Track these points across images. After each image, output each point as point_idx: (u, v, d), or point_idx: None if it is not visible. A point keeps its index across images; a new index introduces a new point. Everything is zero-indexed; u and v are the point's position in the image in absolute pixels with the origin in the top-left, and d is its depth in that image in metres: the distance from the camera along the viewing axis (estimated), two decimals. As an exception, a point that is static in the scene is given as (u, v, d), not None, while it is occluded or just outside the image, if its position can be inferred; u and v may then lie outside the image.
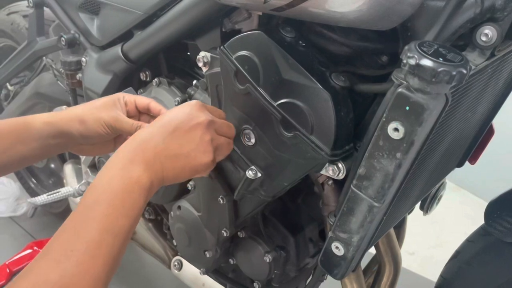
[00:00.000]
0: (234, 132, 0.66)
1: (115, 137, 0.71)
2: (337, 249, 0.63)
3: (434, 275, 1.67)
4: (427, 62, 0.44)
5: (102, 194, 0.50)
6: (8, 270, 1.46)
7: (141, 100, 0.70)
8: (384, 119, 0.50)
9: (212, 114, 0.63)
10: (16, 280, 0.43)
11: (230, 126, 0.66)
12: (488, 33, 0.57)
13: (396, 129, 0.49)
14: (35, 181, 1.73)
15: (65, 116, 0.67)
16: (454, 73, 0.43)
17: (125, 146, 0.56)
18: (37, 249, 1.54)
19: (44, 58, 1.28)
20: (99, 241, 0.47)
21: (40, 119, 0.66)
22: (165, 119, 0.59)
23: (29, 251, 1.53)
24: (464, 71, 0.44)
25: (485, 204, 0.82)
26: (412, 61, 0.44)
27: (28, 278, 0.43)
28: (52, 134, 0.66)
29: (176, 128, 0.58)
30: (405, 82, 0.48)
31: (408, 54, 0.45)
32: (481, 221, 0.83)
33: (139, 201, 0.52)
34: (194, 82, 0.83)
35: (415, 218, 1.04)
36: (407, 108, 0.47)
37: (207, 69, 0.72)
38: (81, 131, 0.66)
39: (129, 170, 0.53)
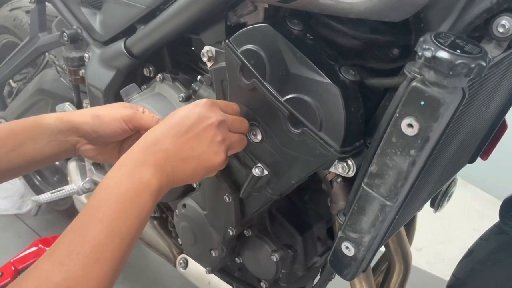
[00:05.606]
0: (248, 127, 0.65)
1: (120, 145, 0.71)
2: (347, 249, 0.61)
3: (442, 271, 1.66)
4: (444, 54, 0.41)
5: (111, 196, 0.49)
6: (13, 268, 1.46)
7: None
8: (397, 115, 0.48)
9: (225, 109, 0.62)
10: (19, 279, 0.43)
11: (242, 121, 0.64)
12: (505, 24, 0.54)
13: (410, 125, 0.47)
14: (39, 178, 1.73)
15: (79, 112, 0.68)
16: (472, 65, 0.41)
17: (136, 146, 0.56)
18: (42, 246, 1.54)
19: (46, 54, 1.27)
20: (104, 244, 0.46)
21: (53, 116, 0.66)
22: (176, 119, 0.59)
23: (34, 248, 1.53)
24: (484, 64, 0.42)
25: (493, 200, 0.80)
26: (428, 53, 0.42)
27: (32, 278, 0.43)
28: (63, 130, 0.65)
29: (187, 130, 0.57)
30: (419, 76, 0.46)
31: (424, 46, 0.43)
32: (489, 216, 0.80)
33: (148, 205, 0.52)
34: (199, 77, 0.81)
35: (422, 213, 1.02)
36: (422, 103, 0.45)
37: (212, 64, 0.71)
38: (95, 126, 0.65)
39: (139, 172, 0.52)
